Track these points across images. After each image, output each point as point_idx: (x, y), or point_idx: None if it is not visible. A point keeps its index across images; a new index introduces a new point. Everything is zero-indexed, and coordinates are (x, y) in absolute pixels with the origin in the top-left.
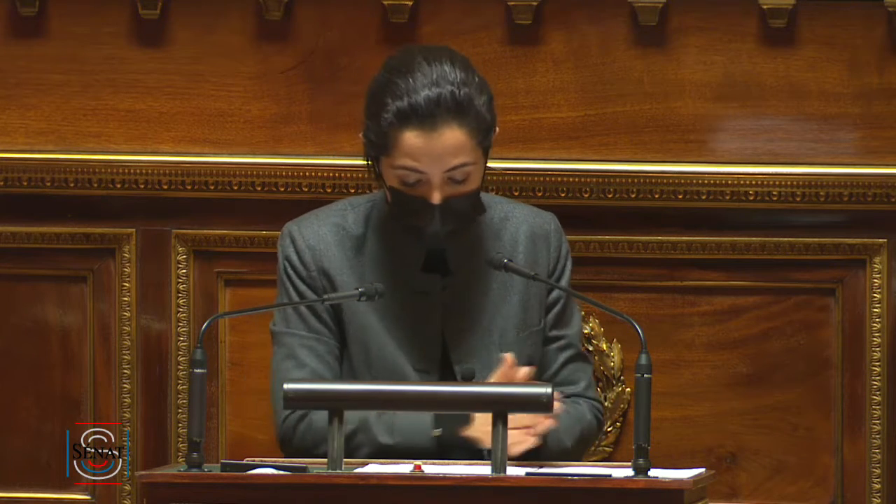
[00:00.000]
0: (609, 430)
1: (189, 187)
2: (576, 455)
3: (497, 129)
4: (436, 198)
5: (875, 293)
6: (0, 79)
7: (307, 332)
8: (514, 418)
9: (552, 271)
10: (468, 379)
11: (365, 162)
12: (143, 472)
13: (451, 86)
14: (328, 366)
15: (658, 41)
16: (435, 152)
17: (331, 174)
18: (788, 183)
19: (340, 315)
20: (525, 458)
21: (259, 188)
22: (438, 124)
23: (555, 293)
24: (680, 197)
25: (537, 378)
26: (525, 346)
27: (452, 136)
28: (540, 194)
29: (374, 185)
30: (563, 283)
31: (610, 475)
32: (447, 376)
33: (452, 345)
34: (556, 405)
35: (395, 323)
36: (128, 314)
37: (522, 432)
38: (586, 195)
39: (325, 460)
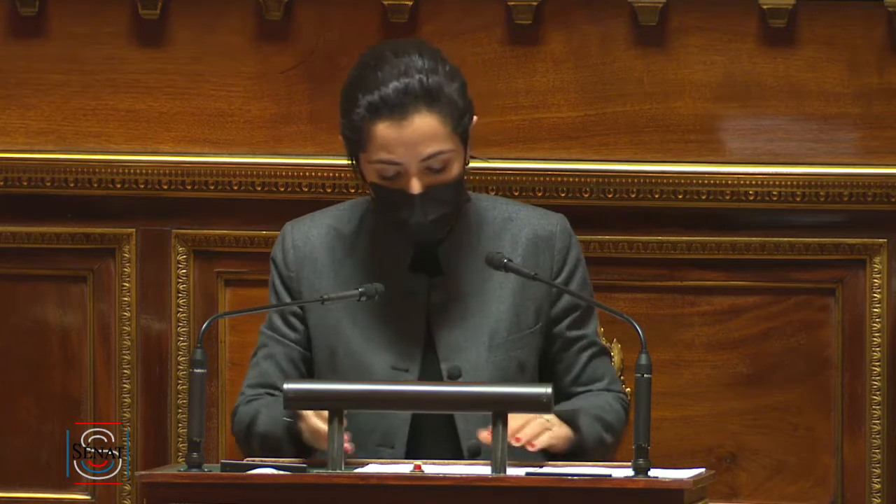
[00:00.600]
0: None
1: (189, 187)
2: (613, 447)
3: (475, 116)
4: (414, 187)
5: (875, 293)
6: (0, 79)
7: (270, 332)
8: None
9: (556, 273)
10: (454, 377)
11: (349, 162)
12: (143, 472)
13: (420, 73)
14: (279, 369)
15: (658, 41)
16: (408, 141)
17: (331, 174)
18: (788, 183)
19: (306, 321)
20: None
21: (259, 188)
22: (409, 112)
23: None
24: (680, 197)
25: (560, 379)
26: (514, 348)
27: (423, 123)
28: (540, 194)
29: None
30: (573, 284)
31: (610, 475)
32: (433, 375)
33: (440, 343)
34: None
35: (375, 322)
36: (128, 314)
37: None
38: (586, 195)
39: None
